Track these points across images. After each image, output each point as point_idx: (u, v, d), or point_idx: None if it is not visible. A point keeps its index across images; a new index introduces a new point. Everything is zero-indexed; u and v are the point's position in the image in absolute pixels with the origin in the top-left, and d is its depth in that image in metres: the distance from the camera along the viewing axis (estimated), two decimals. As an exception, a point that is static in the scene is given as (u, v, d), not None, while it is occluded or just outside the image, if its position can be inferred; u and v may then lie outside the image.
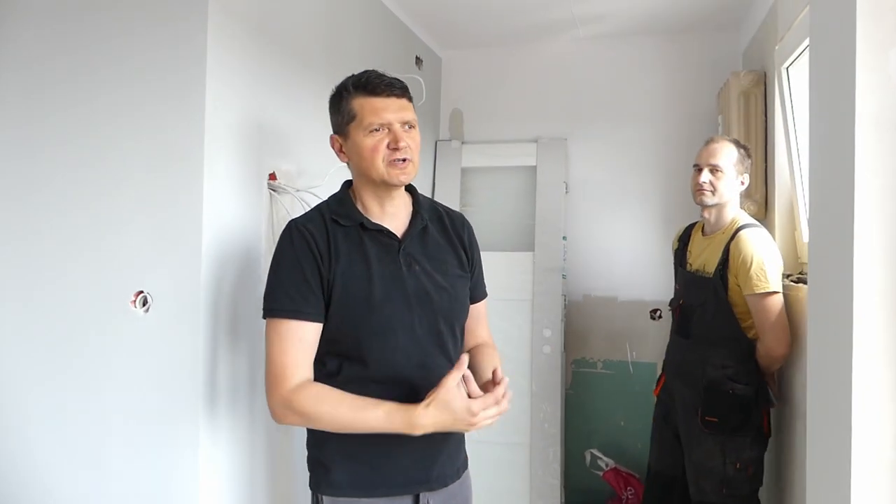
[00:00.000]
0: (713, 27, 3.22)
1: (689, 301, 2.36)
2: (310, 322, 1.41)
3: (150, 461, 1.68)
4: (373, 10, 2.74)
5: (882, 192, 1.11)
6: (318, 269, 1.41)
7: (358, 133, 1.44)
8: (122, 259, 1.69)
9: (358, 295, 1.42)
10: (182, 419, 1.65)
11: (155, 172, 1.68)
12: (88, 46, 1.72)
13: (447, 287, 1.51)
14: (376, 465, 1.45)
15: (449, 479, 1.53)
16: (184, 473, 1.66)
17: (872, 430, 1.08)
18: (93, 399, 1.71)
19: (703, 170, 2.27)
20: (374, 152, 1.43)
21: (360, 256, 1.45)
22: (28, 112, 1.77)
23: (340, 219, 1.47)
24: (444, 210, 1.62)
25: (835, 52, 1.23)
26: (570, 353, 3.41)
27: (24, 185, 1.77)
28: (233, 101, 1.76)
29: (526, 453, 3.16)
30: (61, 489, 1.73)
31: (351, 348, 1.43)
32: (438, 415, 1.34)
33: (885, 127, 1.11)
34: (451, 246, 1.57)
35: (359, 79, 1.47)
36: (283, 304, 1.41)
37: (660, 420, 2.52)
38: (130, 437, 1.69)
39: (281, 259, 1.45)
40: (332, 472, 1.46)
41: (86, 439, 1.72)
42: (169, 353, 1.66)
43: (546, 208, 3.34)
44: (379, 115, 1.43)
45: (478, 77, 3.60)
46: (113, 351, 1.69)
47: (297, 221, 1.49)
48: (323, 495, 1.47)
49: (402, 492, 1.47)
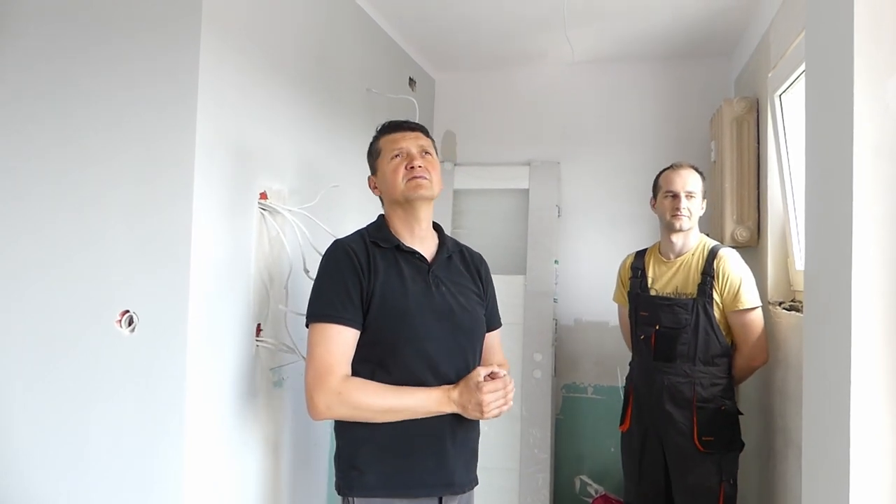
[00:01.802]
0: (706, 54, 3.25)
1: (667, 325, 2.35)
2: (350, 328, 1.58)
3: (133, 480, 1.62)
4: (367, 31, 2.74)
5: (881, 221, 1.10)
6: (360, 282, 1.60)
7: (383, 163, 1.70)
8: (106, 275, 1.66)
9: (395, 306, 1.60)
10: (166, 441, 1.61)
11: (143, 187, 1.65)
12: (75, 55, 1.70)
13: (468, 308, 1.71)
14: (405, 469, 1.60)
15: (466, 486, 1.69)
16: (167, 491, 1.61)
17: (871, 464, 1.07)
18: (76, 419, 1.66)
19: (681, 196, 2.34)
20: (395, 173, 1.66)
21: (396, 274, 1.64)
22: (13, 120, 1.74)
23: (379, 241, 1.67)
24: (465, 248, 1.86)
25: (832, 81, 1.22)
26: (560, 378, 3.38)
27: (6, 196, 1.73)
28: (224, 119, 1.74)
29: (515, 479, 3.11)
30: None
31: (386, 354, 1.60)
32: (463, 396, 1.58)
33: (883, 156, 1.11)
34: (470, 276, 1.79)
35: (383, 125, 1.77)
36: (327, 310, 1.58)
37: (636, 454, 2.46)
38: (113, 456, 1.64)
39: (326, 271, 1.63)
40: (365, 475, 1.59)
41: (68, 456, 1.66)
42: (153, 373, 1.61)
43: (538, 231, 3.33)
44: (397, 143, 1.69)
45: (471, 99, 3.61)
46: (96, 371, 1.65)
47: (342, 241, 1.69)
48: (355, 497, 1.60)
49: (429, 493, 1.62)
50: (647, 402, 2.41)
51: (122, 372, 1.63)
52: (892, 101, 1.12)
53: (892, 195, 1.11)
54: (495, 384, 1.60)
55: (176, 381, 1.60)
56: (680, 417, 2.30)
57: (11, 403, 1.70)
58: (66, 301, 1.68)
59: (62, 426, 1.67)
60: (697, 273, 2.33)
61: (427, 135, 1.76)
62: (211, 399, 1.69)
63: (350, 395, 1.53)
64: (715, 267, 2.30)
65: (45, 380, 1.68)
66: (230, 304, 1.77)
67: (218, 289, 1.71)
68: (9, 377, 1.71)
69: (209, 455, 1.69)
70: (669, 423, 2.33)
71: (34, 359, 1.69)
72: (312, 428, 1.82)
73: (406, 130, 1.72)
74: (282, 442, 1.96)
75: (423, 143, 1.71)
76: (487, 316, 1.80)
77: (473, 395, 1.58)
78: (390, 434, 1.59)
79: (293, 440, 1.99)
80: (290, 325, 1.94)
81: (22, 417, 1.69)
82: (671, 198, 2.37)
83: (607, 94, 3.43)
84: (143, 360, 1.62)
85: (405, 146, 1.68)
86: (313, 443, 1.84)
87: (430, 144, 1.75)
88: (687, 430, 2.28)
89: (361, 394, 1.55)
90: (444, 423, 1.61)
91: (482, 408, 1.58)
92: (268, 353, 1.91)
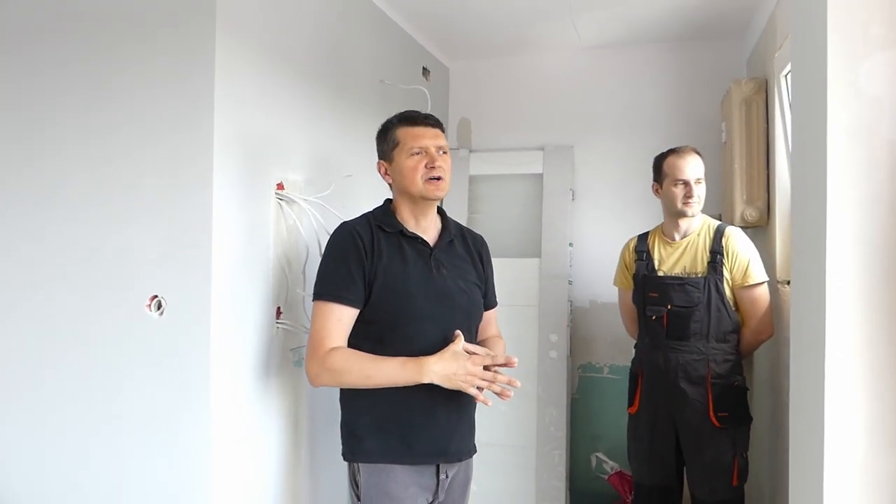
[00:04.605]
0: (717, 35, 3.25)
1: (679, 304, 2.41)
2: (348, 307, 1.69)
3: (162, 444, 1.76)
4: (380, 24, 2.81)
5: (854, 202, 1.16)
6: (363, 263, 1.70)
7: (401, 156, 1.76)
8: (135, 263, 1.78)
9: (396, 287, 1.71)
10: (193, 412, 1.73)
11: (166, 181, 1.76)
12: (100, 55, 1.82)
13: (466, 290, 1.81)
14: (404, 437, 1.71)
15: (463, 455, 1.81)
16: (194, 464, 1.73)
17: (844, 413, 1.14)
18: (112, 389, 1.80)
19: (691, 184, 2.40)
20: (415, 171, 1.74)
21: (398, 257, 1.74)
22: (45, 117, 1.87)
23: (384, 226, 1.77)
24: (467, 231, 1.95)
25: (809, 65, 1.27)
26: (576, 358, 3.45)
27: (39, 190, 1.87)
28: (241, 115, 1.84)
29: (532, 456, 3.20)
30: (76, 478, 1.82)
31: (385, 332, 1.71)
32: (446, 365, 1.62)
33: (856, 138, 1.16)
34: (470, 259, 1.88)
35: (402, 114, 1.83)
36: (327, 289, 1.70)
37: (645, 435, 2.51)
38: (144, 422, 1.77)
39: (331, 253, 1.76)
40: (364, 442, 1.72)
41: (102, 421, 1.81)
42: (180, 353, 1.74)
43: (552, 215, 3.39)
44: (418, 140, 1.75)
45: (485, 87, 3.66)
46: (129, 348, 1.78)
47: (348, 223, 1.79)
48: (359, 463, 1.73)
49: (426, 461, 1.74)
50: (659, 382, 2.45)
51: (153, 350, 1.76)
52: (864, 84, 1.16)
53: (865, 176, 1.16)
54: (481, 359, 1.64)
55: (202, 359, 1.72)
56: (695, 395, 2.36)
57: (53, 377, 1.85)
58: (100, 286, 1.81)
59: (98, 394, 1.81)
60: (706, 252, 2.39)
61: (443, 129, 1.83)
62: (235, 376, 1.81)
63: (333, 364, 1.65)
64: (724, 245, 2.37)
65: (82, 356, 1.82)
66: (251, 289, 1.88)
67: (239, 274, 1.82)
68: (52, 354, 1.85)
69: (234, 424, 1.81)
70: (684, 401, 2.38)
71: (73, 337, 1.83)
72: (329, 403, 1.93)
73: (427, 126, 1.78)
74: (301, 416, 2.09)
75: (442, 142, 1.79)
76: (484, 295, 1.89)
77: (462, 363, 1.63)
78: (387, 406, 1.70)
79: (311, 414, 2.12)
80: (307, 307, 2.05)
81: (61, 387, 1.83)
82: (682, 185, 2.41)
83: (620, 77, 3.46)
84: (171, 340, 1.75)
85: (426, 145, 1.75)
86: (329, 416, 1.95)
87: (445, 140, 1.82)
88: (702, 407, 2.35)
89: (343, 363, 1.65)
90: (437, 396, 1.69)
91: (467, 384, 1.62)
92: (287, 334, 2.02)
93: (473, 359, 1.64)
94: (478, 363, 1.63)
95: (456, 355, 1.64)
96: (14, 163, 1.90)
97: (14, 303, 1.89)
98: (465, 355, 1.65)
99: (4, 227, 1.90)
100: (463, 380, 1.62)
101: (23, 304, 1.88)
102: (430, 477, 1.75)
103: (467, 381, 1.62)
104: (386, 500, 1.69)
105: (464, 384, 1.62)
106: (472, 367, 1.62)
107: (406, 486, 1.71)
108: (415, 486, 1.72)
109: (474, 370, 1.62)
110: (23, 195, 1.88)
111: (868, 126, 1.15)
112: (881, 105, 1.15)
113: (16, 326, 1.89)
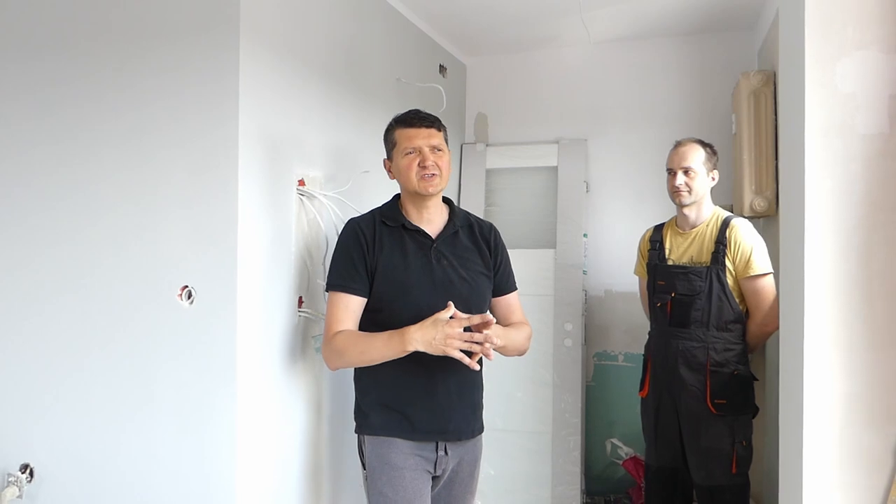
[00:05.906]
0: (728, 27, 3.30)
1: (682, 292, 2.47)
2: (354, 295, 1.85)
3: (193, 436, 1.89)
4: (396, 24, 2.91)
5: (829, 194, 1.24)
6: (365, 255, 1.85)
7: (398, 156, 1.90)
8: (167, 256, 1.91)
9: (396, 278, 1.85)
10: (221, 394, 1.86)
11: (194, 178, 1.88)
12: (132, 63, 1.94)
13: (468, 279, 1.90)
14: (406, 414, 1.84)
15: (464, 434, 1.91)
16: (223, 444, 1.86)
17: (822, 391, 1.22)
18: (146, 374, 1.94)
19: (678, 173, 2.46)
20: (409, 169, 1.87)
21: (399, 249, 1.87)
22: (82, 122, 2.00)
23: (388, 220, 1.91)
24: (475, 219, 2.04)
25: (789, 64, 1.35)
26: (591, 347, 3.54)
27: (76, 190, 2.01)
28: (264, 115, 1.95)
29: (548, 442, 3.30)
30: (115, 461, 1.97)
31: (387, 320, 1.81)
32: (426, 331, 1.70)
33: (831, 135, 1.24)
34: (477, 249, 1.97)
35: (399, 116, 1.95)
36: (336, 280, 1.87)
37: (651, 417, 2.60)
38: (175, 404, 1.91)
39: (338, 247, 1.92)
40: (370, 417, 1.88)
41: (137, 418, 1.95)
42: (209, 340, 1.87)
43: (567, 207, 3.47)
44: (412, 140, 1.88)
45: (501, 82, 3.75)
46: (162, 335, 1.91)
47: (354, 220, 1.95)
48: (365, 435, 1.88)
49: (425, 438, 1.85)
50: (662, 367, 2.53)
51: (184, 337, 1.89)
52: (840, 83, 1.24)
53: (842, 167, 1.24)
54: (458, 322, 1.69)
55: (229, 345, 1.85)
56: (693, 381, 2.43)
57: (91, 366, 1.99)
58: (134, 278, 1.95)
59: (133, 380, 1.95)
60: (711, 242, 2.45)
61: (439, 127, 1.92)
62: (260, 360, 1.94)
63: (336, 345, 1.80)
64: (728, 236, 2.42)
65: (119, 343, 1.96)
66: (274, 280, 2.00)
67: (263, 266, 1.95)
68: (90, 343, 1.99)
69: (260, 406, 1.94)
70: (683, 387, 2.45)
71: (110, 327, 1.97)
72: (347, 385, 2.06)
73: (421, 127, 1.89)
74: (322, 397, 2.22)
75: (436, 141, 1.88)
76: (499, 281, 1.99)
77: (441, 328, 1.68)
78: (390, 385, 1.85)
79: (331, 396, 2.25)
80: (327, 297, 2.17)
81: (99, 375, 1.98)
82: (670, 174, 2.51)
83: (632, 71, 3.52)
84: (201, 328, 1.88)
85: (419, 144, 1.86)
86: (347, 397, 2.08)
87: (442, 137, 1.92)
88: (699, 393, 2.41)
89: (343, 342, 1.79)
90: (437, 377, 1.83)
91: (447, 347, 1.67)
92: (308, 322, 2.14)
93: (450, 322, 1.69)
94: (455, 326, 1.68)
95: (436, 322, 1.69)
96: (53, 165, 2.04)
97: (54, 295, 2.04)
98: (445, 321, 1.69)
99: (45, 226, 2.05)
100: (443, 343, 1.67)
101: (63, 296, 2.02)
102: (431, 451, 1.86)
103: (448, 344, 1.67)
104: (387, 469, 1.82)
105: (446, 348, 1.67)
106: (450, 330, 1.67)
107: (407, 456, 1.83)
108: (415, 457, 1.84)
109: (452, 332, 1.67)
110: (61, 195, 2.03)
111: (843, 121, 1.23)
112: (856, 101, 1.23)
113: (56, 318, 2.03)
